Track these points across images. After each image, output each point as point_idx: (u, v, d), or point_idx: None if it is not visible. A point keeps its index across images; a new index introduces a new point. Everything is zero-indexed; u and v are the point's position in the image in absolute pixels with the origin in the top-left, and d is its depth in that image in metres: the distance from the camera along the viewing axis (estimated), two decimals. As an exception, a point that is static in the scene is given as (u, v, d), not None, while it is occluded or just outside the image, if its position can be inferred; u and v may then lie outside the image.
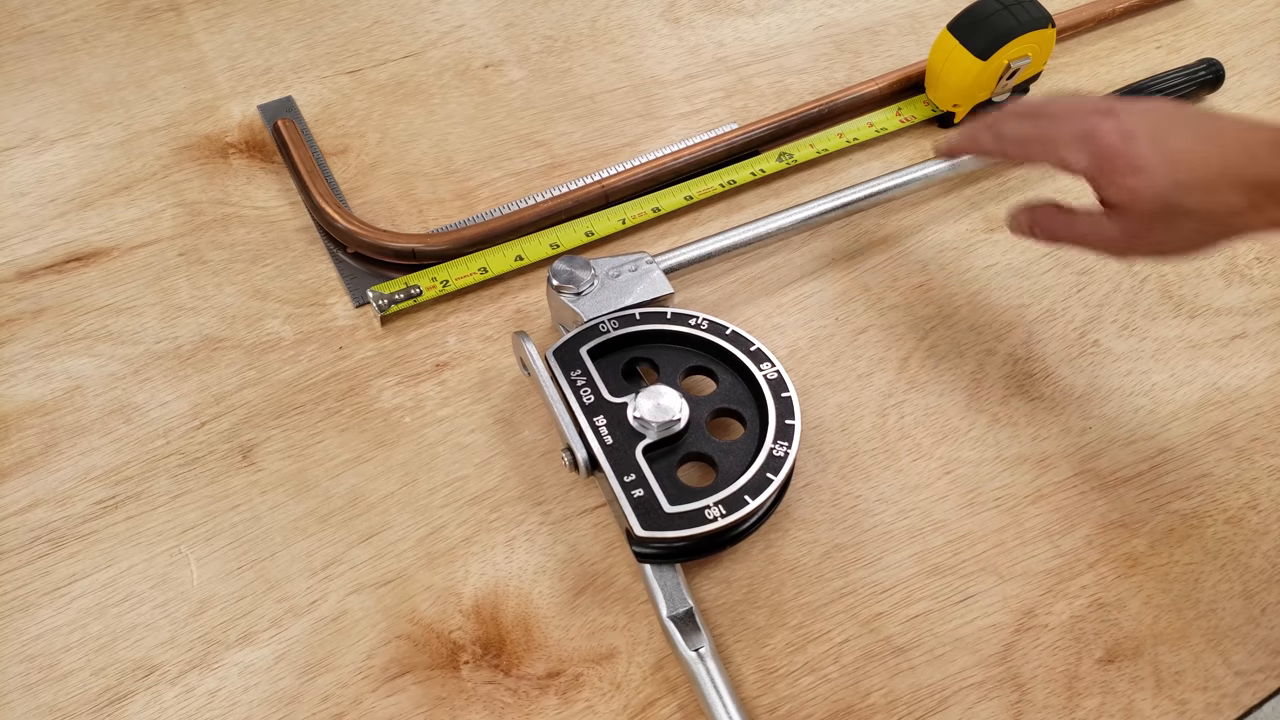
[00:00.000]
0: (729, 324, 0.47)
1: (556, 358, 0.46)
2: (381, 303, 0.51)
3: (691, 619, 0.42)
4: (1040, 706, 0.42)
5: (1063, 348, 0.52)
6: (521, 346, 0.46)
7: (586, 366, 0.46)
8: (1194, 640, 0.44)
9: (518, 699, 0.41)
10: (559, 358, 0.46)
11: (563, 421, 0.44)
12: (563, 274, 0.49)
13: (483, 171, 0.58)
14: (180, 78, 0.62)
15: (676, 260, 0.51)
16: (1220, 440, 0.50)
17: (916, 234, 0.57)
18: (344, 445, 0.48)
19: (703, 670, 0.40)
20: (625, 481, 0.42)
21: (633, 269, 0.50)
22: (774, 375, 0.46)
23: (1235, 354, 0.53)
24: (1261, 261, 0.56)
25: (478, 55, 0.64)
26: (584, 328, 0.47)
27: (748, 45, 0.66)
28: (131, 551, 0.44)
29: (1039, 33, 0.57)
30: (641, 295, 0.49)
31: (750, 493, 0.42)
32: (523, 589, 0.44)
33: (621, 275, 0.49)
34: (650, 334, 0.47)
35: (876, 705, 0.42)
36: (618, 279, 0.49)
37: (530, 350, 0.46)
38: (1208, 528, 0.47)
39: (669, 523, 0.41)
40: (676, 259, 0.51)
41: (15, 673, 0.41)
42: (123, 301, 0.52)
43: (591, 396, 0.45)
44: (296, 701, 0.41)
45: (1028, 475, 0.48)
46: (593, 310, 0.48)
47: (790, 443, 0.43)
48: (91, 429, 0.48)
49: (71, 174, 0.57)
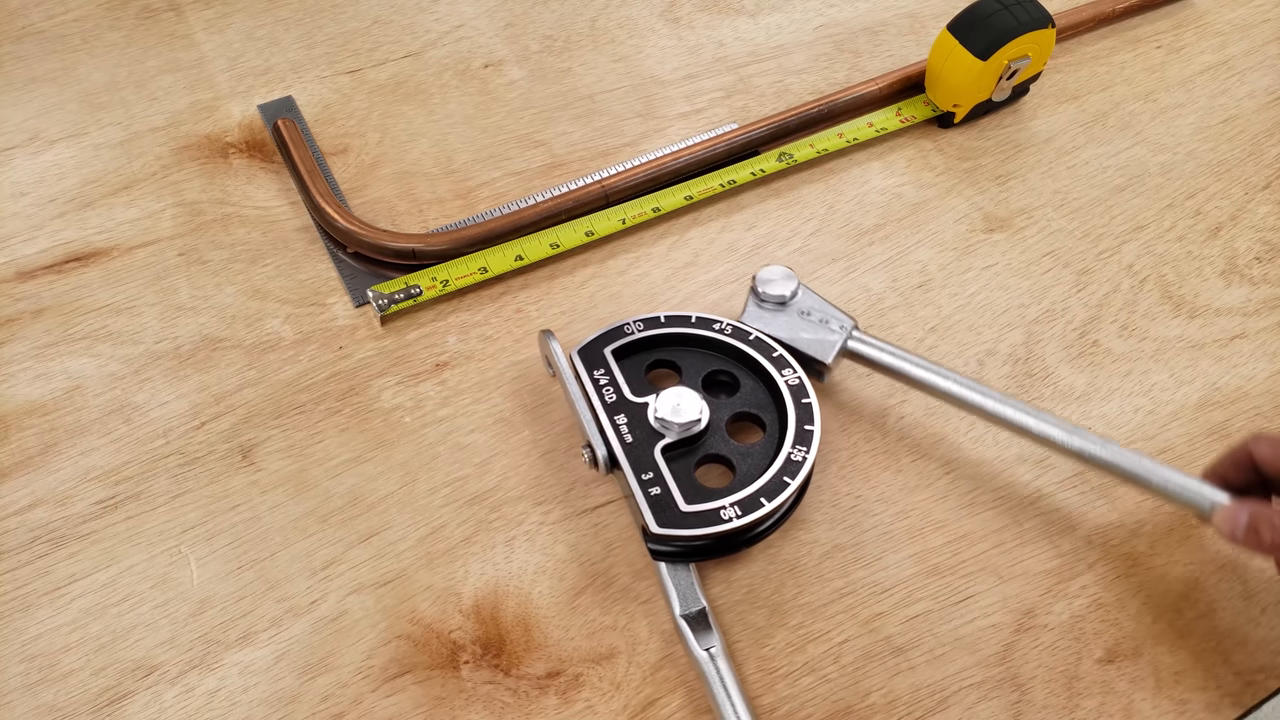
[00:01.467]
0: (753, 329, 0.47)
1: (581, 356, 0.47)
2: (381, 303, 0.51)
3: (704, 619, 0.42)
4: (1040, 706, 0.42)
5: (1063, 348, 0.52)
6: (547, 344, 0.47)
7: (610, 366, 0.46)
8: (1194, 640, 0.44)
9: (518, 699, 0.41)
10: (583, 357, 0.47)
11: (584, 419, 0.45)
12: (770, 281, 0.48)
13: (483, 171, 0.58)
14: (180, 78, 0.62)
15: (865, 352, 0.48)
16: (1220, 440, 0.50)
17: (916, 234, 0.57)
18: (344, 445, 0.48)
19: (713, 670, 0.40)
20: (643, 479, 0.43)
21: (822, 320, 0.48)
22: (795, 381, 0.46)
23: (1235, 354, 0.53)
24: (1261, 261, 0.56)
25: (478, 55, 0.64)
26: (609, 328, 0.48)
27: (748, 45, 0.66)
28: (131, 551, 0.44)
29: (1039, 33, 0.57)
30: (802, 344, 0.48)
31: (767, 495, 0.42)
32: (523, 589, 0.44)
33: (810, 317, 0.48)
34: (674, 337, 0.48)
35: (876, 705, 0.42)
36: (803, 317, 0.48)
37: (556, 348, 0.47)
38: (1208, 528, 0.47)
39: (684, 521, 0.41)
40: (867, 351, 0.48)
41: (15, 673, 0.41)
42: (123, 301, 0.52)
43: (613, 395, 0.45)
44: (296, 701, 0.41)
45: (1028, 475, 0.48)
46: (754, 322, 0.48)
47: (809, 448, 0.44)
48: (91, 429, 0.48)
49: (71, 174, 0.57)
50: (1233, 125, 0.63)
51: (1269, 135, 0.63)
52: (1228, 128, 0.63)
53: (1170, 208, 0.59)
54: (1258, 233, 0.58)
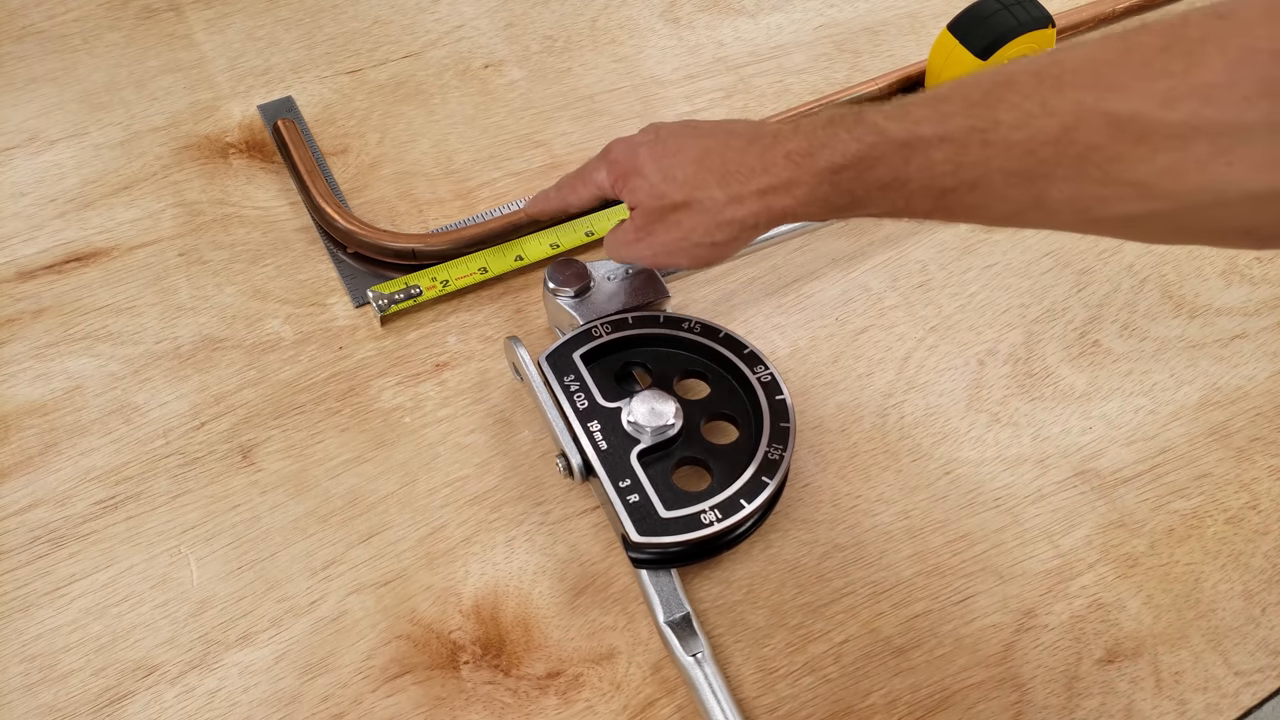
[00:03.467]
0: (722, 328, 0.47)
1: (549, 363, 0.46)
2: (381, 303, 0.51)
3: (688, 624, 0.41)
4: (1040, 706, 0.42)
5: (1063, 348, 0.52)
6: (514, 351, 0.46)
7: (580, 371, 0.46)
8: (1194, 640, 0.44)
9: (518, 699, 0.41)
10: (552, 363, 0.46)
11: (556, 427, 0.44)
12: (559, 277, 0.48)
13: (483, 171, 0.58)
14: (180, 78, 0.62)
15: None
16: (1220, 440, 0.50)
17: (916, 234, 0.57)
18: (344, 445, 0.48)
19: (700, 675, 0.40)
20: (620, 487, 0.42)
21: (630, 272, 0.50)
22: (768, 378, 0.45)
23: (1235, 354, 0.53)
24: (1261, 261, 0.56)
25: (478, 55, 0.64)
26: (577, 332, 0.47)
27: (748, 45, 0.66)
28: (131, 551, 0.44)
29: (1039, 33, 0.57)
30: (639, 299, 0.49)
31: (746, 497, 0.42)
32: (523, 589, 0.44)
33: (618, 278, 0.49)
34: (643, 338, 0.47)
35: (876, 705, 0.42)
36: (614, 282, 0.49)
37: (523, 355, 0.46)
38: (1208, 528, 0.47)
39: (665, 528, 0.41)
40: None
41: (15, 673, 0.41)
42: (123, 301, 0.52)
43: (585, 402, 0.45)
44: (296, 701, 0.41)
45: (1028, 475, 0.48)
46: (589, 314, 0.48)
47: (785, 446, 0.43)
48: (91, 429, 0.48)
49: (71, 174, 0.57)
50: (1233, 125, 0.63)
51: (1269, 135, 0.63)
52: (1228, 128, 0.63)
53: (1170, 208, 0.59)
54: (1258, 233, 0.58)
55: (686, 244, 0.42)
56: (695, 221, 0.41)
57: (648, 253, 0.44)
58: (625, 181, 0.44)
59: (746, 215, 0.40)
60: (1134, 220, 0.32)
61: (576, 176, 0.47)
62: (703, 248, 0.42)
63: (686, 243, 0.42)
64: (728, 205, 0.40)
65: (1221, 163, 0.29)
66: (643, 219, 0.43)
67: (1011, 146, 0.33)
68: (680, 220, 0.42)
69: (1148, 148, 0.30)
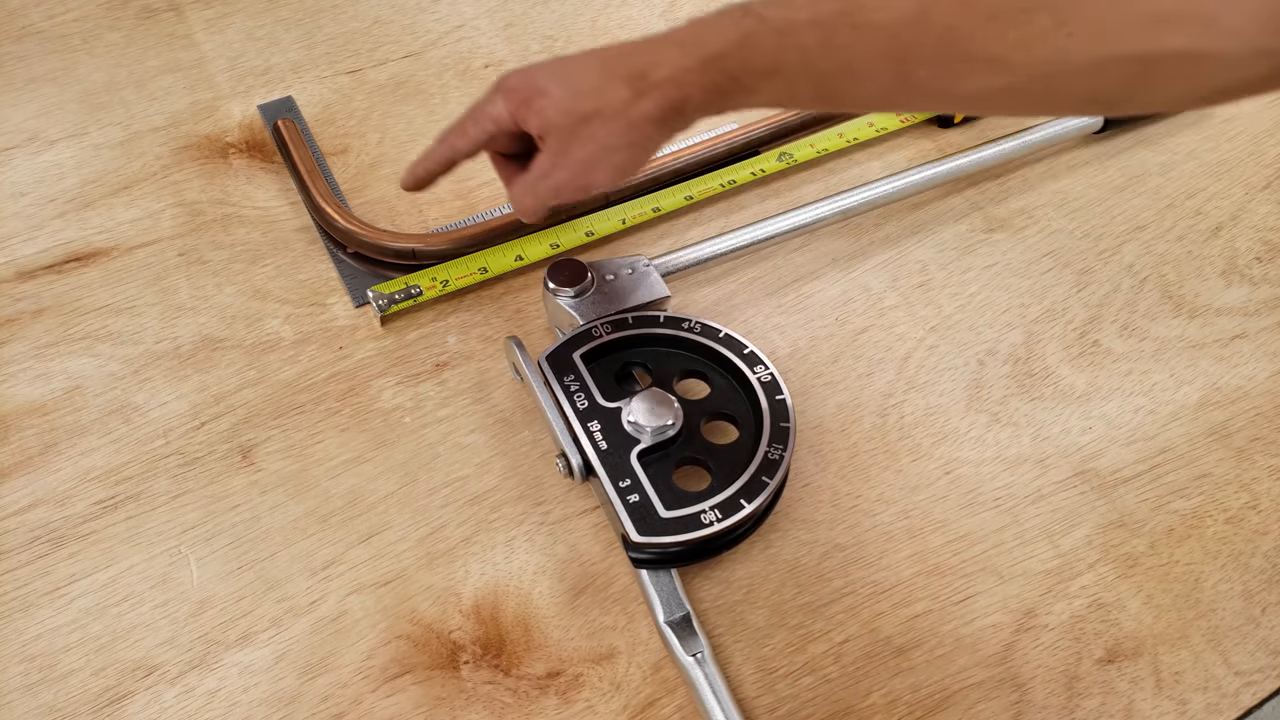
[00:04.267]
0: (722, 327, 0.47)
1: (549, 363, 0.46)
2: (381, 303, 0.51)
3: (688, 623, 0.41)
4: (1040, 706, 0.42)
5: (1063, 348, 0.52)
6: (514, 352, 0.46)
7: (580, 371, 0.46)
8: (1194, 640, 0.44)
9: (518, 699, 0.41)
10: (552, 363, 0.46)
11: (556, 427, 0.44)
12: (559, 277, 0.48)
13: (483, 171, 0.58)
14: (180, 78, 0.62)
15: (674, 263, 0.51)
16: (1220, 440, 0.50)
17: (916, 234, 0.57)
18: (344, 445, 0.48)
19: (700, 675, 0.40)
20: (621, 487, 0.42)
21: (629, 271, 0.50)
22: (768, 378, 0.45)
23: (1235, 354, 0.53)
24: (1261, 261, 0.56)
25: (478, 55, 0.64)
26: (577, 332, 0.47)
27: (748, 45, 0.66)
28: (131, 551, 0.44)
29: None
30: (639, 298, 0.49)
31: (746, 496, 0.42)
32: (522, 589, 0.44)
33: (618, 278, 0.49)
34: (643, 338, 0.47)
35: (876, 705, 0.42)
36: (614, 281, 0.49)
37: (522, 356, 0.46)
38: (1208, 528, 0.47)
39: (665, 528, 0.41)
40: (674, 262, 0.51)
41: (15, 673, 0.41)
42: (123, 301, 0.52)
43: (585, 402, 0.45)
44: (296, 701, 0.41)
45: (1028, 475, 0.48)
46: (589, 314, 0.48)
47: (785, 446, 0.43)
48: (91, 429, 0.48)
49: (71, 174, 0.57)
50: (1233, 125, 0.63)
51: (1269, 135, 0.63)
52: (1228, 127, 0.63)
53: (1170, 207, 0.59)
54: (1258, 233, 0.58)
55: (604, 153, 0.41)
56: (609, 128, 0.40)
57: (566, 175, 0.42)
58: (529, 105, 0.42)
59: (652, 109, 0.39)
60: (993, 95, 0.35)
61: (464, 119, 0.44)
62: (620, 152, 0.41)
63: (604, 151, 0.41)
64: (634, 102, 0.39)
65: (1063, 33, 0.32)
66: (556, 141, 0.42)
67: (876, 29, 0.35)
68: (594, 131, 0.41)
69: (998, 24, 0.33)
